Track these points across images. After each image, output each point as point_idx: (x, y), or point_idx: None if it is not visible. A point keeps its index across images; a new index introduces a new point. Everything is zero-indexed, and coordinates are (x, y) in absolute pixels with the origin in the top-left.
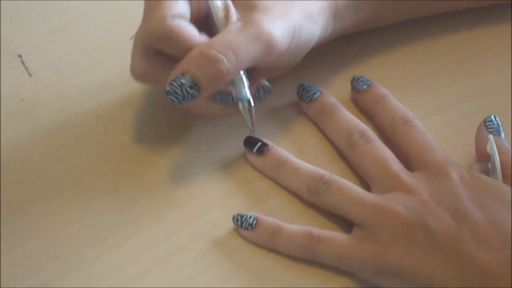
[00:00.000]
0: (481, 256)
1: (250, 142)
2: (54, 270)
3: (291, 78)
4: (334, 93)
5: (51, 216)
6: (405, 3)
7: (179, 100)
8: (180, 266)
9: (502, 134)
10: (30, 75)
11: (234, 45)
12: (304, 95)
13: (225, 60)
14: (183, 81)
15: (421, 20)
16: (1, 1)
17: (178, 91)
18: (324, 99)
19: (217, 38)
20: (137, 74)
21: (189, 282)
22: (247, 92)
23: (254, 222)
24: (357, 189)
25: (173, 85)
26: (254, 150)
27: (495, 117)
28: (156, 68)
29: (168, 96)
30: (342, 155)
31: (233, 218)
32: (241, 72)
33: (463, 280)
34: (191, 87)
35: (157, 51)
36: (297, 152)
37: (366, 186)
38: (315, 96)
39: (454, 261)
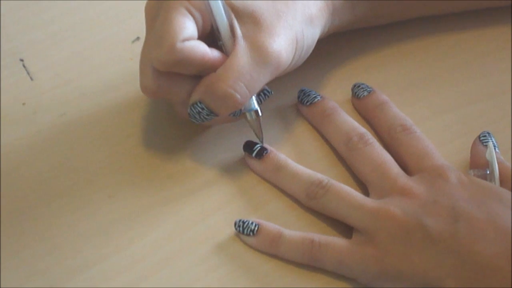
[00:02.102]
0: (478, 250)
1: (249, 146)
2: (55, 274)
3: (291, 80)
4: (333, 94)
5: (53, 220)
6: (402, 2)
7: (199, 121)
8: (181, 270)
9: (497, 149)
10: (31, 79)
11: (244, 76)
12: (305, 99)
13: (237, 95)
14: (200, 109)
15: (420, 22)
16: (2, 5)
17: (197, 116)
18: (324, 103)
19: (228, 68)
20: (149, 91)
21: (192, 284)
22: (255, 103)
23: (256, 228)
24: (355, 194)
25: (192, 110)
26: (253, 154)
27: (489, 133)
28: (168, 85)
29: (190, 118)
30: (341, 159)
31: (235, 224)
32: None
33: (460, 276)
34: (208, 114)
35: None
36: (296, 156)
37: (365, 191)
38: (316, 100)
39: (451, 258)
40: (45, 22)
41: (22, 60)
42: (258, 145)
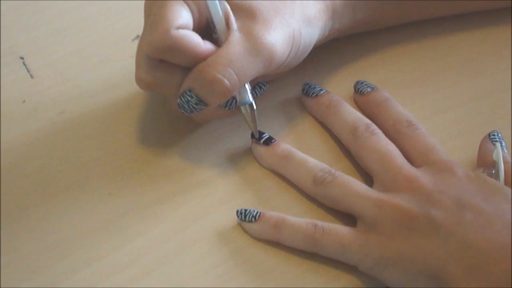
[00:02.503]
0: (483, 238)
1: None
2: (54, 271)
3: (292, 79)
4: (334, 93)
5: (52, 217)
6: (403, 6)
7: (188, 112)
8: (183, 265)
9: (505, 149)
10: (32, 76)
11: (235, 63)
12: (310, 91)
13: (225, 80)
14: (189, 98)
15: (420, 22)
16: (2, 3)
17: (186, 106)
18: (330, 95)
19: (218, 55)
20: (143, 83)
21: (193, 282)
22: (249, 96)
23: (258, 214)
24: (361, 184)
25: (181, 100)
26: (262, 141)
27: (498, 132)
28: (162, 76)
29: (179, 109)
30: (345, 154)
31: (237, 212)
32: None
33: (461, 260)
34: (196, 104)
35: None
36: (300, 150)
37: (370, 186)
38: (321, 92)
39: (455, 243)
40: (45, 20)
41: (22, 58)
42: (266, 134)
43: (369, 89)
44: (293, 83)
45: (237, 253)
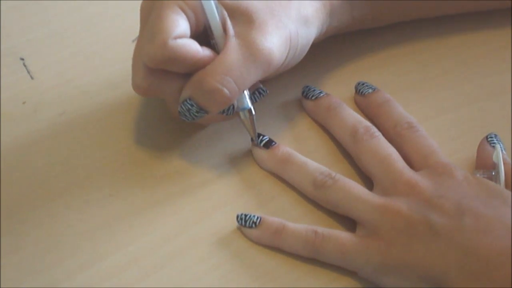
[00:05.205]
0: (484, 244)
1: (257, 137)
2: (55, 273)
3: (291, 79)
4: (334, 94)
5: (53, 218)
6: (401, 4)
7: (189, 120)
8: (183, 268)
9: (504, 151)
10: (32, 77)
11: (233, 71)
12: (310, 94)
13: (224, 90)
14: (190, 106)
15: (420, 22)
16: (2, 3)
17: (187, 114)
18: (330, 98)
19: (216, 63)
20: (141, 89)
21: (192, 283)
22: (248, 102)
23: (258, 220)
24: (362, 188)
25: (182, 108)
26: (261, 144)
27: (495, 134)
28: (160, 83)
29: (180, 117)
30: (345, 157)
31: (237, 217)
32: None
33: (464, 269)
34: (197, 112)
35: None
36: (300, 153)
37: (370, 188)
38: (321, 95)
39: (455, 250)
40: (45, 21)
41: (22, 59)
42: (267, 137)
43: (370, 90)
44: (293, 85)
45: (237, 255)
